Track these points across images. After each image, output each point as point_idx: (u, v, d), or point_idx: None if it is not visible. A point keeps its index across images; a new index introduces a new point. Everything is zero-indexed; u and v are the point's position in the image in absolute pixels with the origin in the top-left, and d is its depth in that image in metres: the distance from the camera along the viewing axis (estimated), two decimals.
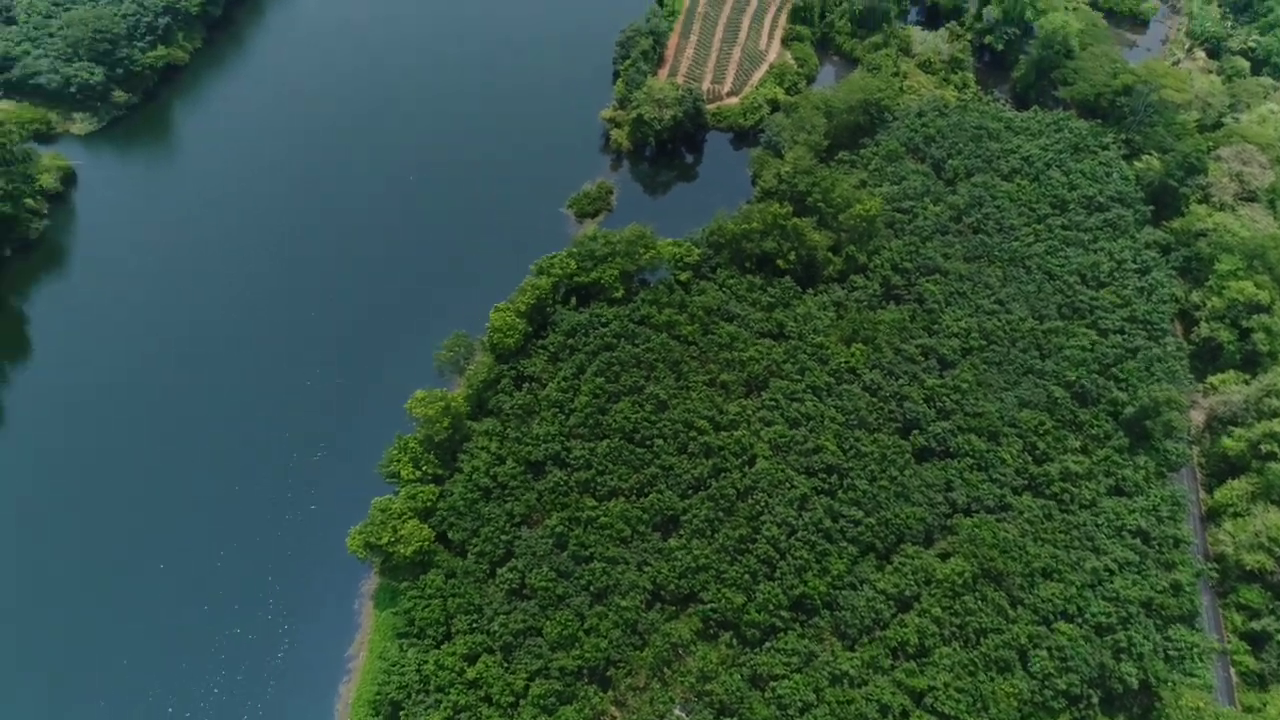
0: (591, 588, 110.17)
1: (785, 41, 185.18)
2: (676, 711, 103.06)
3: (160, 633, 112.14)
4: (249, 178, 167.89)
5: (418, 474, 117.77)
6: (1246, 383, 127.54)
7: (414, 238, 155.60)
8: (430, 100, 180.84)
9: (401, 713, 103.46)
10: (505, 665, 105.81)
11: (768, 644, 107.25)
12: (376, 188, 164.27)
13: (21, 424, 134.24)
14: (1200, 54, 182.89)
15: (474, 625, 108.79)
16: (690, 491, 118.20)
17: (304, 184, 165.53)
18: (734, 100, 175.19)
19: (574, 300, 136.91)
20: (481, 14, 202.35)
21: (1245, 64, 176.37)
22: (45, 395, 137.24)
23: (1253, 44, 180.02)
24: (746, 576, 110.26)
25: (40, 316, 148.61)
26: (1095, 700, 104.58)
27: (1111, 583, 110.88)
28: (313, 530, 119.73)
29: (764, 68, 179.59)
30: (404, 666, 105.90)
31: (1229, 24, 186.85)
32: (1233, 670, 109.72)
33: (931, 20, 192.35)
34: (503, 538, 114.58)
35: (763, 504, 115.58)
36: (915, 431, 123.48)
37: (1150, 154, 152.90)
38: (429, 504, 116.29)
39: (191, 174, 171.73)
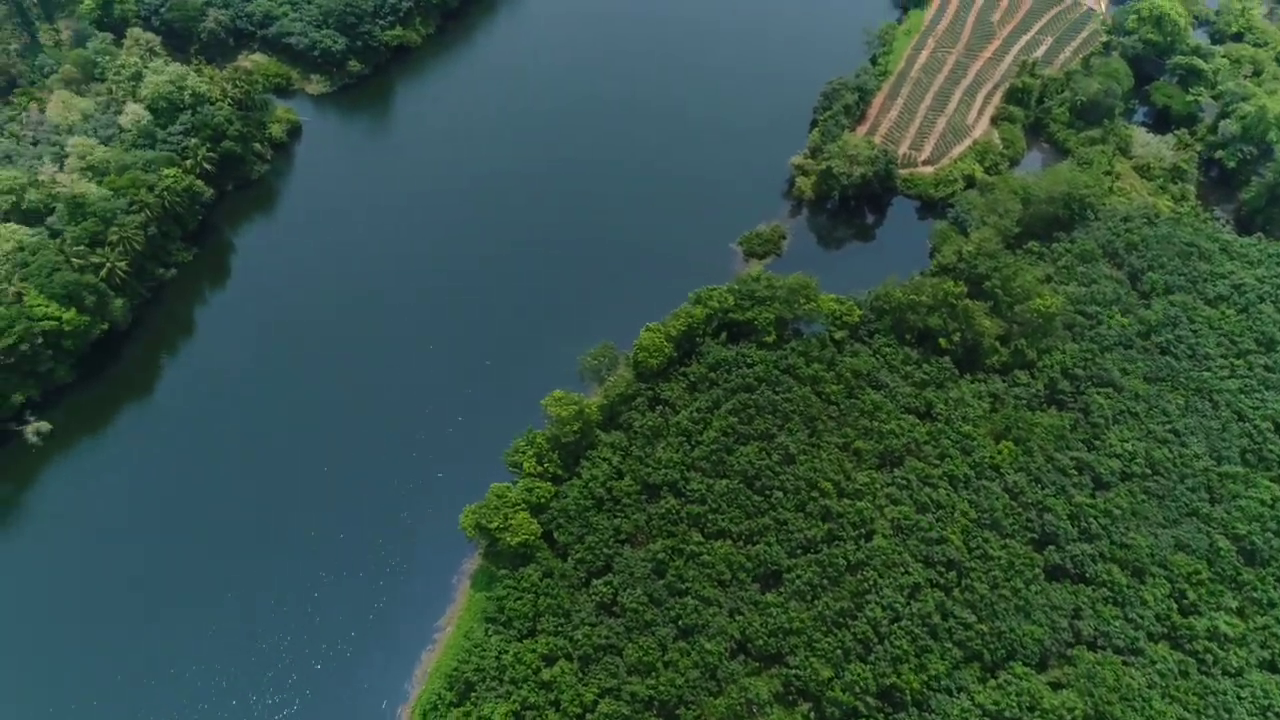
0: (680, 622, 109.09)
1: (995, 120, 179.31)
2: None
3: (268, 567, 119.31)
4: (448, 160, 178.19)
5: (539, 469, 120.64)
6: None
7: (585, 241, 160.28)
8: (629, 115, 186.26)
9: (473, 693, 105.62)
10: (580, 675, 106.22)
11: None
12: (561, 188, 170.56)
13: (207, 338, 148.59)
14: None
15: (559, 628, 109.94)
16: (799, 551, 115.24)
17: (496, 175, 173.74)
18: (928, 169, 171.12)
19: (724, 335, 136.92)
20: (698, 41, 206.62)
21: None
22: (229, 317, 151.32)
23: None
24: (839, 651, 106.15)
25: (244, 247, 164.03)
26: None
27: None
28: (431, 499, 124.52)
29: (967, 142, 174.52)
30: (485, 650, 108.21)
31: None
32: None
33: (1160, 124, 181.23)
34: (605, 550, 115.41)
35: (872, 582, 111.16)
36: (1051, 547, 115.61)
37: None
38: (543, 501, 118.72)
39: (400, 147, 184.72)
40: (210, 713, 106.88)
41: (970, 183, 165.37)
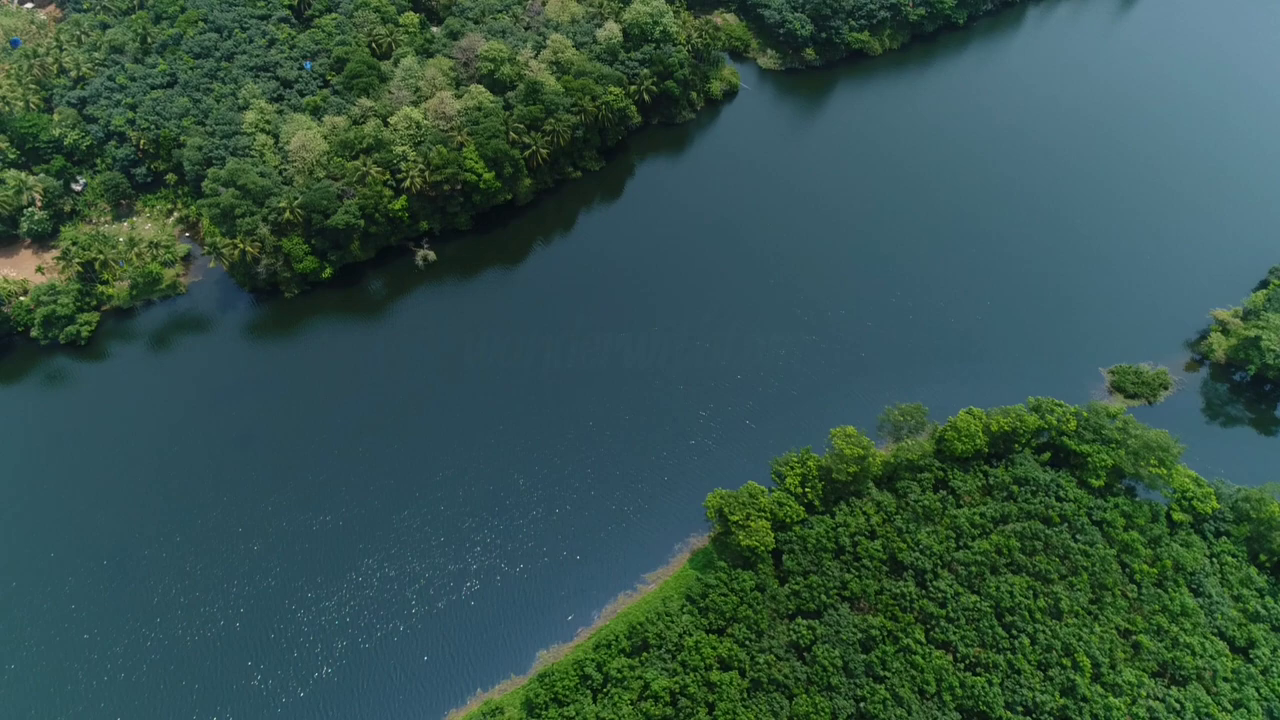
0: (862, 705, 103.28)
1: None
2: None
3: (541, 453, 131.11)
4: (851, 170, 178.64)
5: (798, 489, 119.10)
6: None
7: (946, 299, 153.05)
8: (1051, 187, 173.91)
9: (645, 653, 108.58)
10: (744, 695, 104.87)
11: None
12: (947, 238, 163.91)
13: (580, 238, 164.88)
14: None
15: (746, 641, 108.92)
16: (1020, 709, 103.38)
17: (894, 201, 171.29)
18: None
19: (1048, 455, 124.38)
20: (1177, 142, 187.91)
21: None
22: (605, 230, 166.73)
23: None
24: None
25: (643, 177, 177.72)
26: None
27: None
28: (693, 465, 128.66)
29: None
30: (673, 623, 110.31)
31: None
32: None
33: None
34: (824, 598, 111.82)
35: None
36: None
37: None
38: (788, 520, 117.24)
39: (813, 141, 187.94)
40: (439, 546, 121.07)
41: None
